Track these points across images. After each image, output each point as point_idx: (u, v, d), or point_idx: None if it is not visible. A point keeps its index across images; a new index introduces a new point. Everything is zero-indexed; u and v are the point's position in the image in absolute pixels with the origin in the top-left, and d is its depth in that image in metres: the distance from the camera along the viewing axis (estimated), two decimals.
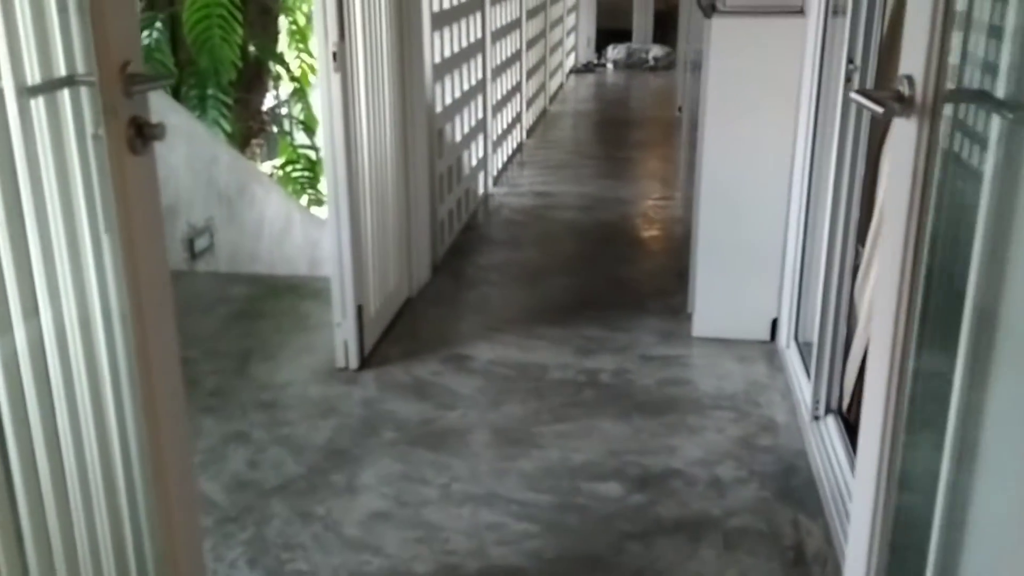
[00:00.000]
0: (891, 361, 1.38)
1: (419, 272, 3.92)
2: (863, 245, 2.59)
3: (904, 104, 1.26)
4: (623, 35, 10.98)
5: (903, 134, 1.30)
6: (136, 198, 1.49)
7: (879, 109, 1.26)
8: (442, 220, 4.35)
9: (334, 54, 2.90)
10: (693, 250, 3.37)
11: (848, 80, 2.45)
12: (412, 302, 3.78)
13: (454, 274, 4.13)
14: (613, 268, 4.19)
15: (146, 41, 6.19)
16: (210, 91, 6.17)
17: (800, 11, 3.08)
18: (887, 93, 1.27)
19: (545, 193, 5.45)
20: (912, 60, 1.26)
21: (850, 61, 2.44)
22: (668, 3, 11.91)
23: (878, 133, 2.51)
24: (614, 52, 10.55)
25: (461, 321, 3.63)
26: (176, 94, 6.15)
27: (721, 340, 3.36)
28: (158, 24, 6.21)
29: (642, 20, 10.96)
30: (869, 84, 2.42)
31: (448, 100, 4.41)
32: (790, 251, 3.18)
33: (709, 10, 3.24)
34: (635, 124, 7.67)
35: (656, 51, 10.41)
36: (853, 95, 1.37)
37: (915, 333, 1.36)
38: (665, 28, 11.36)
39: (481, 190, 5.34)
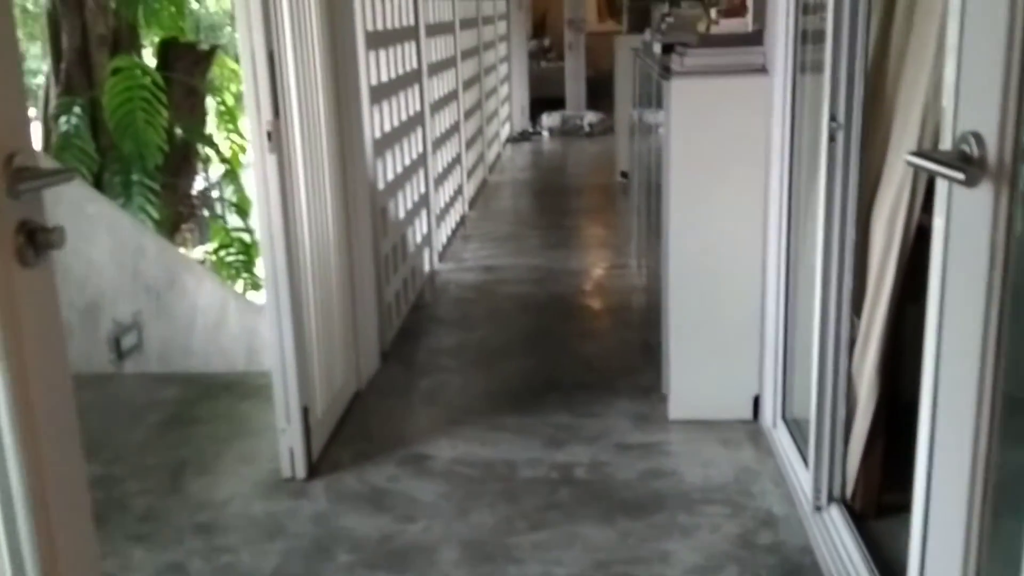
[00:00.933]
0: (972, 461, 1.15)
1: (367, 361, 3.62)
2: (858, 316, 2.39)
3: (972, 166, 1.05)
4: (556, 103, 10.95)
5: (970, 202, 1.08)
6: (29, 319, 1.19)
7: (959, 176, 1.04)
8: (389, 303, 4.07)
9: (269, 134, 2.63)
10: (664, 326, 3.14)
11: (832, 139, 2.27)
12: (362, 396, 3.47)
13: (405, 361, 3.84)
14: (574, 345, 3.94)
15: (64, 127, 5.86)
16: (135, 177, 5.84)
17: (762, 70, 2.93)
18: (949, 154, 1.06)
19: (493, 267, 5.21)
20: (978, 113, 1.05)
21: (832, 119, 2.26)
22: (598, 70, 11.99)
23: (866, 195, 2.33)
24: (549, 120, 10.50)
25: (416, 415, 3.33)
26: (99, 181, 5.82)
27: (701, 422, 3.12)
28: (77, 109, 5.89)
29: (574, 88, 10.96)
30: (855, 143, 2.24)
31: (390, 176, 4.17)
32: (769, 323, 2.98)
33: (666, 72, 3.07)
34: (577, 191, 7.54)
35: (591, 117, 10.38)
36: (912, 159, 1.16)
37: (998, 424, 1.14)
38: (597, 95, 11.38)
39: (427, 267, 5.08)
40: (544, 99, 11.02)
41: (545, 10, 13.40)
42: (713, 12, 3.17)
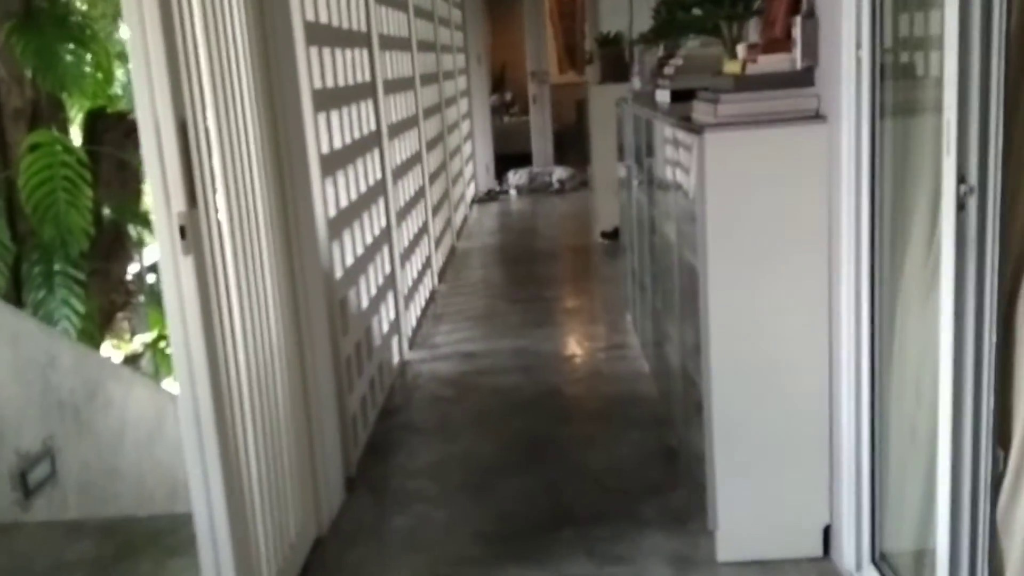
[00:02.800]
0: None
1: (330, 494, 2.90)
2: (1004, 447, 1.74)
3: None
4: (522, 159, 10.40)
5: None
6: None
7: None
8: (354, 413, 3.36)
9: (182, 229, 1.95)
10: (707, 440, 2.48)
11: (961, 207, 1.65)
12: (324, 544, 2.75)
13: (376, 488, 3.12)
14: (580, 455, 3.26)
15: None
16: (57, 266, 5.09)
17: (817, 116, 2.32)
18: None
19: (472, 353, 4.53)
20: None
21: (961, 180, 1.64)
22: (563, 123, 11.49)
23: (1008, 281, 1.70)
24: (516, 178, 9.92)
25: (394, 568, 2.62)
26: (16, 274, 5.08)
27: (758, 563, 2.45)
28: None
29: (541, 142, 10.43)
30: (994, 211, 1.62)
31: (349, 259, 3.49)
32: (844, 435, 2.32)
33: (692, 125, 2.45)
34: (554, 256, 6.91)
35: (560, 173, 9.82)
36: None
37: None
38: (564, 149, 10.86)
39: (396, 358, 4.39)
40: (509, 155, 10.46)
41: (504, 64, 12.94)
42: (742, 49, 2.57)
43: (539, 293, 5.68)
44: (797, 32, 2.34)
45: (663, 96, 3.20)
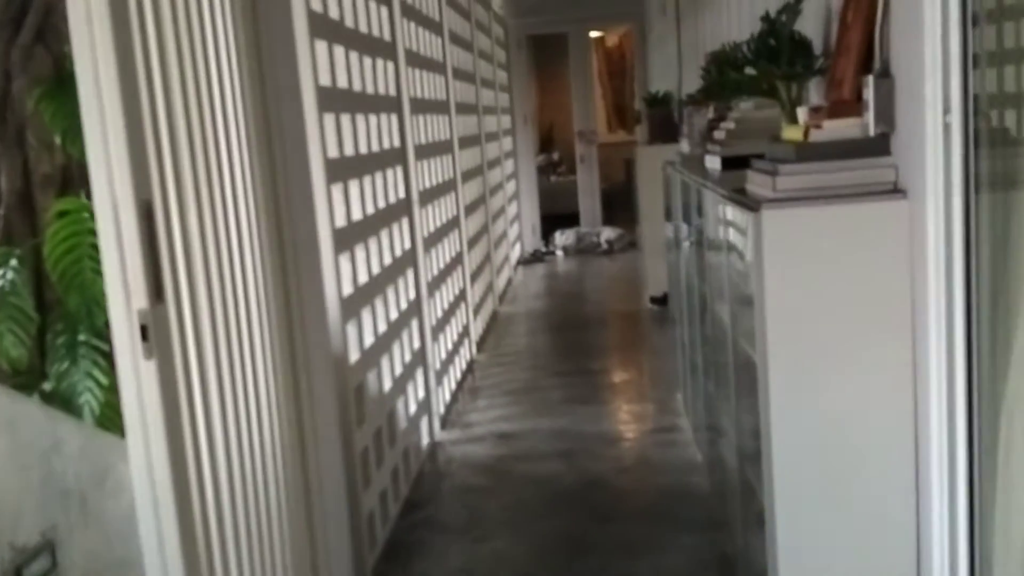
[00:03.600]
0: None
1: None
2: None
3: None
4: (570, 219, 10.12)
5: None
6: None
7: None
8: (371, 511, 3.04)
9: (143, 329, 1.67)
10: (772, 568, 2.10)
11: None
12: None
13: None
14: (625, 565, 2.88)
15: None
16: (82, 336, 4.88)
17: (895, 191, 1.98)
18: None
19: (509, 434, 4.19)
20: None
21: None
22: (611, 183, 11.22)
23: None
24: (562, 238, 9.63)
25: None
26: (41, 344, 4.90)
27: None
28: (14, 261, 5.01)
29: (589, 202, 10.14)
30: None
31: (368, 340, 3.20)
32: (935, 567, 1.93)
33: (746, 198, 2.12)
34: (601, 323, 6.56)
35: (608, 233, 9.51)
36: None
37: None
38: (612, 209, 10.57)
39: (426, 439, 4.06)
40: (556, 215, 10.19)
41: (551, 123, 12.75)
42: (803, 112, 2.24)
43: (584, 365, 5.33)
44: (869, 94, 2.01)
45: (713, 162, 2.88)
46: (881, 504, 2.01)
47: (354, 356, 3.00)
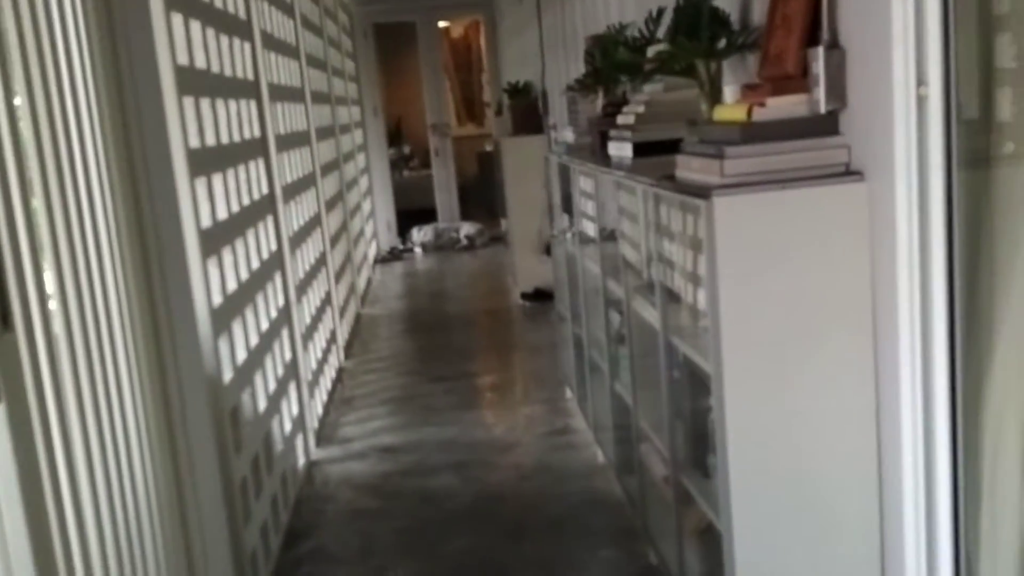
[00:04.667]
0: None
1: None
2: None
3: None
4: (426, 215, 9.81)
5: None
6: None
7: None
8: (253, 549, 2.68)
9: None
10: None
11: None
12: None
13: None
14: None
15: None
16: None
17: (847, 172, 1.83)
18: None
19: (392, 448, 3.88)
20: None
21: None
22: (465, 177, 10.99)
23: None
24: (420, 235, 9.32)
25: None
26: None
27: None
28: None
29: (446, 197, 9.87)
30: None
31: (241, 356, 2.82)
32: (910, 571, 1.79)
33: (695, 188, 1.92)
34: (471, 322, 6.31)
35: (468, 229, 9.28)
36: None
37: None
38: (468, 203, 10.35)
39: (302, 460, 3.70)
40: (411, 211, 9.86)
41: (399, 116, 12.38)
42: (731, 91, 2.06)
43: (461, 367, 5.07)
44: (819, 67, 1.85)
45: (621, 149, 2.68)
46: (844, 512, 1.86)
47: (228, 375, 2.62)
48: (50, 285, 1.49)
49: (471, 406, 4.35)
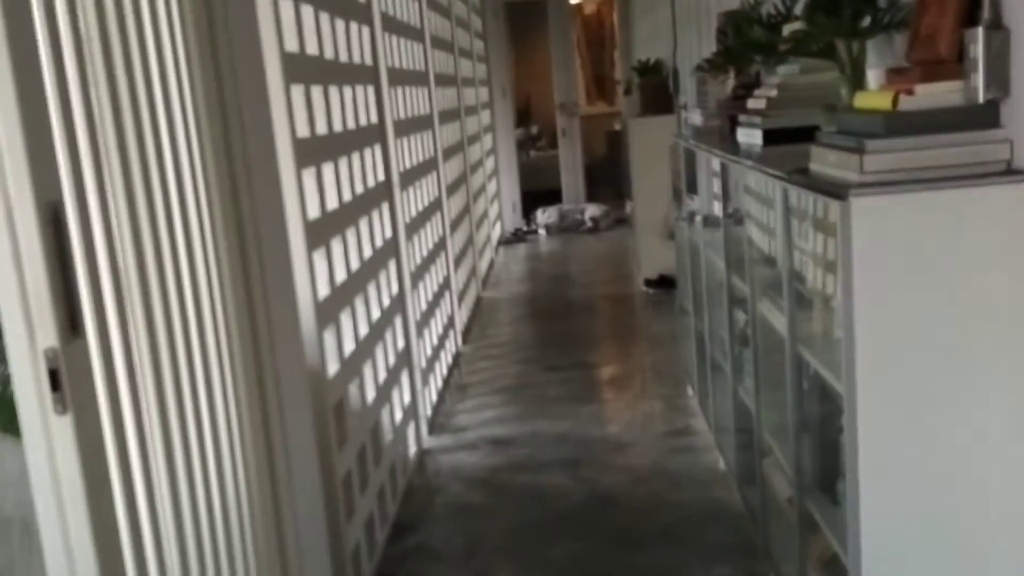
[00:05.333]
0: None
1: None
2: None
3: None
4: (551, 196, 9.69)
5: None
6: None
7: None
8: (356, 544, 2.63)
9: (52, 375, 1.24)
10: None
11: None
12: None
13: None
14: None
15: None
16: None
17: (1009, 171, 1.58)
18: None
19: (504, 440, 3.79)
20: None
21: None
22: (593, 157, 10.79)
23: None
24: (544, 216, 9.20)
25: None
26: None
27: None
28: None
29: (571, 178, 9.72)
30: None
31: (349, 347, 2.78)
32: None
33: (831, 186, 1.71)
34: (592, 309, 6.16)
35: (593, 211, 9.10)
36: None
37: None
38: (595, 184, 10.16)
39: (413, 448, 3.65)
40: (536, 192, 9.75)
41: (528, 96, 12.27)
42: (876, 75, 1.84)
43: (579, 357, 4.93)
44: (978, 50, 1.60)
45: (750, 136, 2.47)
46: (994, 560, 1.63)
47: (333, 368, 2.57)
48: (131, 287, 1.44)
49: (587, 399, 4.21)
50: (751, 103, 2.56)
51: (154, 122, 1.57)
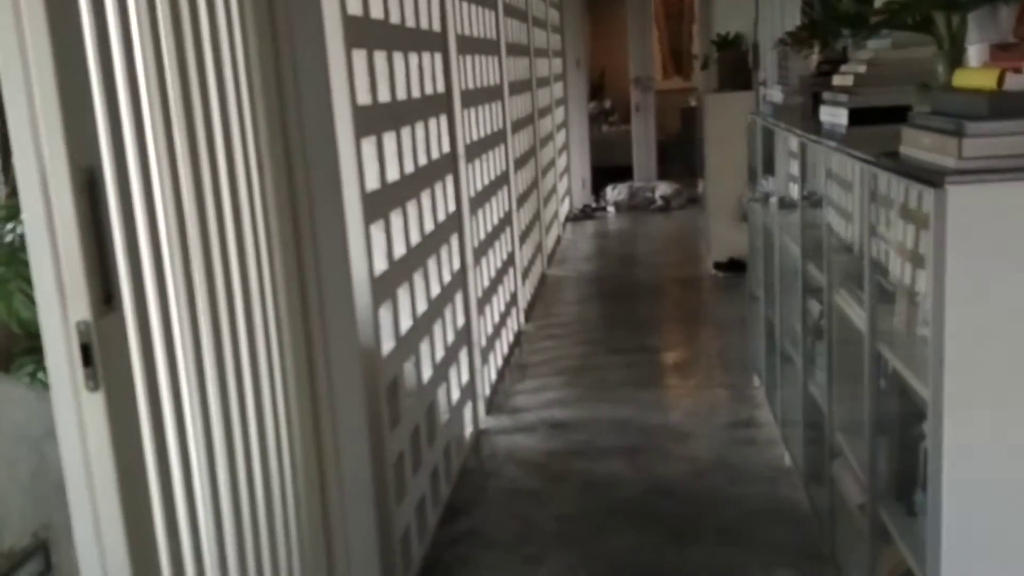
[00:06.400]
0: None
1: None
2: None
3: None
4: (622, 173, 9.50)
5: None
6: None
7: None
8: (406, 527, 2.58)
9: (84, 349, 1.18)
10: None
11: None
12: None
13: None
14: None
15: (9, 237, 4.58)
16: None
17: None
18: None
19: (562, 424, 3.70)
20: None
21: None
22: (666, 134, 10.55)
23: None
24: (614, 193, 9.04)
25: None
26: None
27: None
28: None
29: (643, 155, 9.51)
30: None
31: (406, 324, 2.71)
32: None
33: (923, 171, 1.57)
34: (659, 290, 6.01)
35: (664, 189, 8.90)
36: None
37: None
38: (667, 162, 9.94)
39: (469, 428, 3.59)
40: (607, 168, 9.58)
41: (603, 69, 12.05)
42: (978, 51, 1.68)
43: (643, 340, 4.80)
44: None
45: (835, 115, 2.31)
46: None
47: (388, 346, 2.51)
48: (174, 258, 1.38)
49: (649, 384, 4.09)
50: (837, 80, 2.39)
51: (202, 83, 1.50)
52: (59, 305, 1.18)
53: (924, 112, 1.72)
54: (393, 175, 2.65)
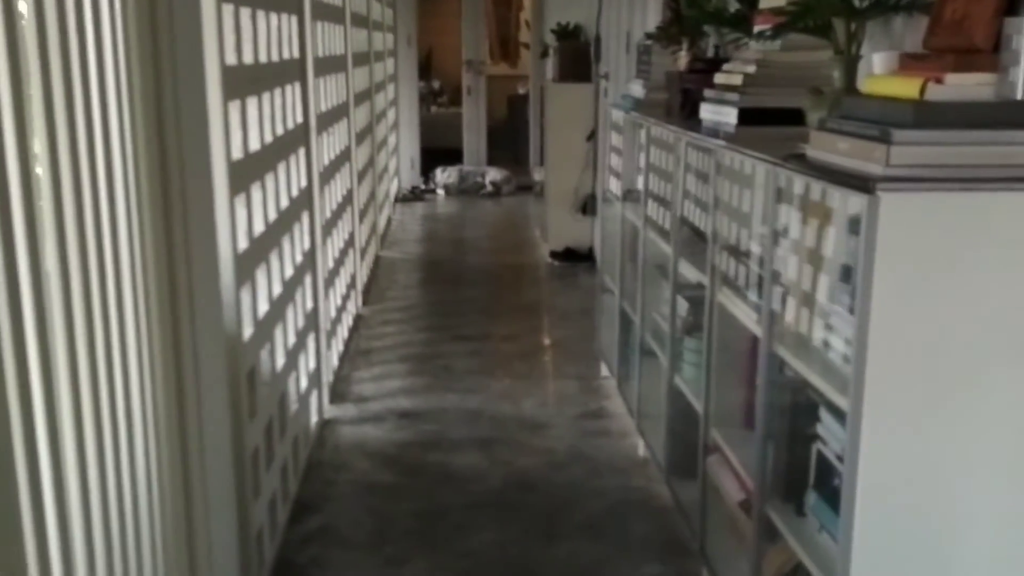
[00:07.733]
0: None
1: None
2: None
3: None
4: (449, 155, 9.40)
5: None
6: None
7: None
8: (260, 527, 2.38)
9: None
10: None
11: None
12: None
13: None
14: None
15: None
16: None
17: None
18: None
19: (412, 413, 3.57)
20: None
21: None
22: (493, 119, 10.54)
23: None
24: (444, 176, 8.92)
25: None
26: None
27: None
28: None
29: (474, 138, 9.46)
30: None
31: (263, 308, 2.49)
32: None
33: (851, 178, 1.56)
34: (496, 277, 5.97)
35: (494, 175, 8.88)
36: None
37: None
38: (495, 147, 9.92)
39: (314, 418, 3.39)
40: (435, 150, 9.45)
41: (430, 48, 11.88)
42: (883, 60, 1.70)
43: (485, 327, 4.74)
44: (1020, 42, 1.48)
45: (720, 114, 2.31)
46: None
47: (248, 332, 2.29)
48: (44, 220, 1.15)
49: (496, 373, 4.02)
50: (721, 78, 2.39)
51: (81, 33, 1.27)
52: None
53: (833, 117, 1.72)
54: (255, 144, 2.43)
